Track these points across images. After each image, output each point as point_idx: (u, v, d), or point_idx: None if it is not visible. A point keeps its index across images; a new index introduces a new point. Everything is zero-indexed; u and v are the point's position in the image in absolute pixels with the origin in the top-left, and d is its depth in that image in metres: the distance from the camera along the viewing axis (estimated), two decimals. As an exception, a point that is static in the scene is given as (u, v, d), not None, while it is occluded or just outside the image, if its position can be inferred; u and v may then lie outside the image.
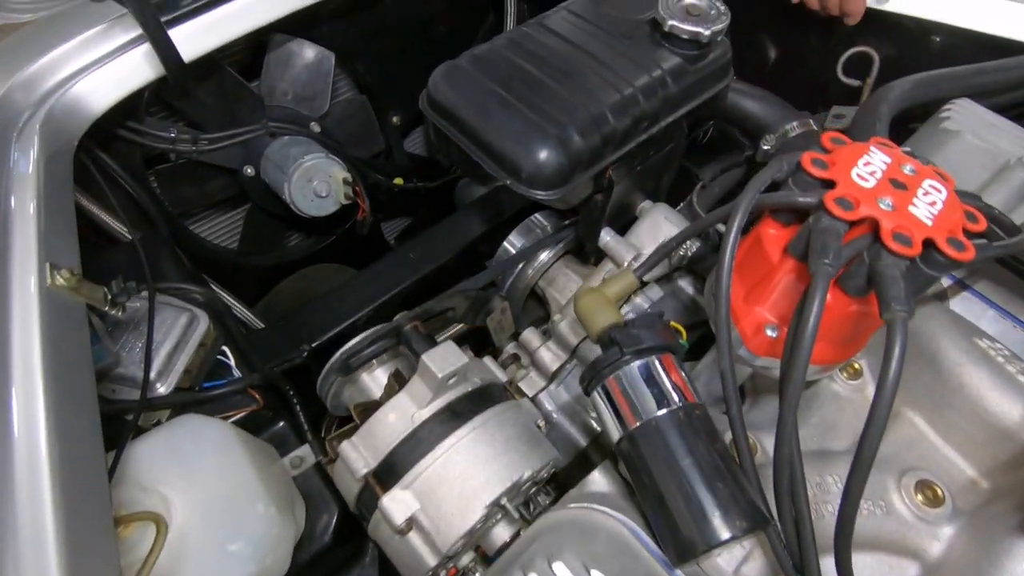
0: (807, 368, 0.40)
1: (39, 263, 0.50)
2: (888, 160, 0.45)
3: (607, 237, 0.77)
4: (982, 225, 0.43)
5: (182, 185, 0.98)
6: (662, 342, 0.49)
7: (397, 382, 0.58)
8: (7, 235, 0.52)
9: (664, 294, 0.74)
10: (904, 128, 0.75)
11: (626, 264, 0.75)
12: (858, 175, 0.44)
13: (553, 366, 0.73)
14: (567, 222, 0.86)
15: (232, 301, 1.02)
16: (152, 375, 0.67)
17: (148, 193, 0.93)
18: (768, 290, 0.48)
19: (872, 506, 0.52)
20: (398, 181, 1.19)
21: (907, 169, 0.45)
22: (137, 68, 0.73)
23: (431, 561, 0.51)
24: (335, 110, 1.10)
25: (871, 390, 0.61)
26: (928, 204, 0.43)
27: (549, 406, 0.73)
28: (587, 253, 0.83)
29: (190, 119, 0.94)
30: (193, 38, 0.76)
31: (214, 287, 0.98)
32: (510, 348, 0.79)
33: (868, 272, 0.42)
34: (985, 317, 0.65)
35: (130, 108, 0.82)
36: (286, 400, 0.76)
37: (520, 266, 0.83)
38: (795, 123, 0.75)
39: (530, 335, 0.76)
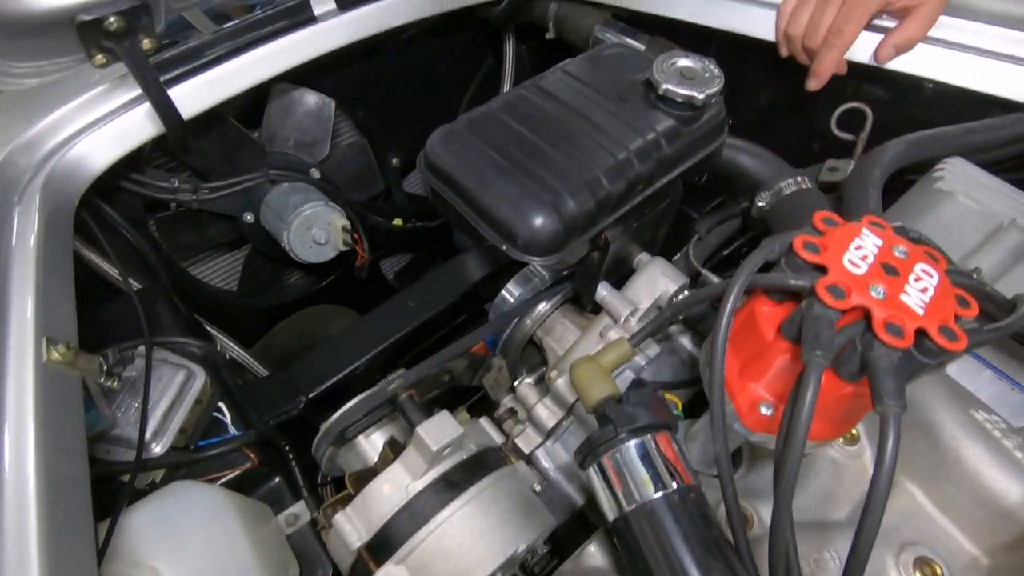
0: (801, 459, 0.40)
1: (36, 338, 0.50)
2: (880, 243, 0.46)
3: (604, 292, 0.77)
4: (974, 311, 0.43)
5: (182, 232, 0.98)
6: (657, 420, 0.49)
7: (392, 450, 0.58)
8: (6, 308, 0.52)
9: (662, 350, 0.74)
10: (901, 180, 0.76)
11: (623, 319, 0.75)
12: (850, 260, 0.44)
13: (550, 423, 0.73)
14: (565, 272, 0.86)
15: (230, 344, 1.02)
16: (147, 435, 0.66)
17: (148, 241, 0.94)
18: (763, 368, 0.48)
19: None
20: (397, 222, 1.19)
21: (899, 252, 0.46)
22: (137, 126, 0.74)
23: (424, 639, 0.51)
24: (335, 154, 1.11)
25: (869, 455, 0.61)
26: (920, 291, 0.43)
27: (546, 464, 0.72)
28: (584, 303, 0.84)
29: (192, 167, 0.95)
30: (193, 95, 0.77)
31: (212, 330, 0.98)
32: (507, 402, 0.79)
33: (861, 360, 0.42)
34: (982, 378, 0.64)
35: (131, 160, 0.83)
36: (282, 455, 0.76)
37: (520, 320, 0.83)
38: (789, 181, 0.75)
39: (527, 390, 0.76)
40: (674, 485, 0.46)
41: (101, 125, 0.70)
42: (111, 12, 0.58)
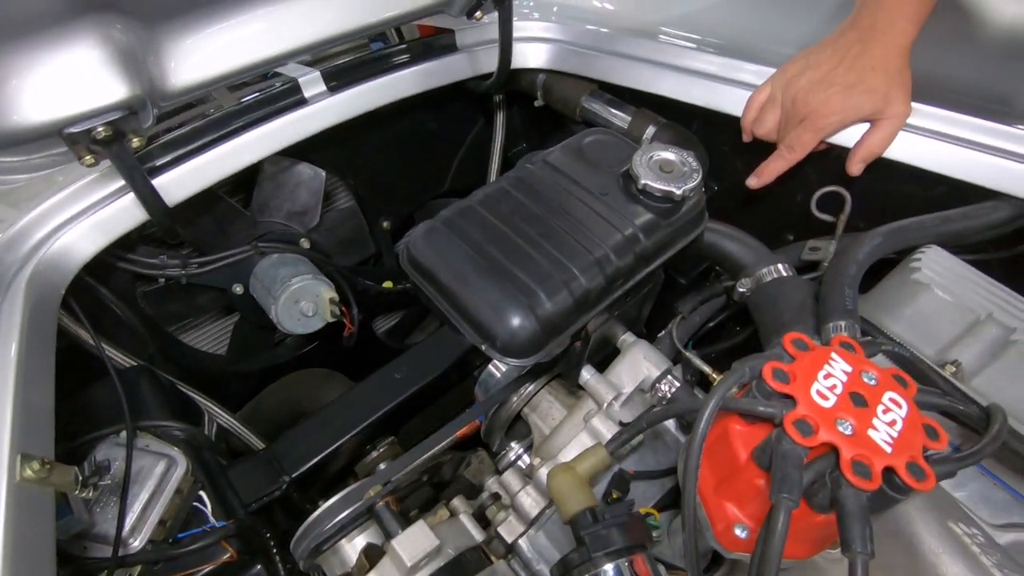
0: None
1: (10, 456, 0.50)
2: (849, 369, 0.46)
3: (587, 375, 0.77)
4: (943, 443, 0.43)
5: (171, 303, 0.99)
6: (632, 542, 0.48)
7: (368, 558, 0.57)
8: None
9: (645, 437, 0.74)
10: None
11: (606, 404, 0.75)
12: (818, 392, 0.44)
13: (533, 511, 0.72)
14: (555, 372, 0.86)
15: (217, 411, 1.01)
16: (125, 531, 0.66)
17: (137, 313, 0.94)
18: (737, 490, 0.48)
19: None
20: (388, 284, 1.20)
21: (868, 378, 0.46)
22: (123, 214, 0.75)
23: None
24: (327, 219, 1.12)
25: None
26: (888, 424, 0.43)
27: (528, 553, 0.71)
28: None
29: (183, 240, 0.96)
30: (181, 182, 0.78)
31: (199, 398, 0.98)
32: (491, 485, 0.78)
33: (831, 497, 0.42)
34: (966, 472, 0.64)
35: (120, 241, 0.84)
36: (263, 544, 0.75)
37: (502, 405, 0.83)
38: (770, 267, 0.76)
39: (511, 478, 0.75)
40: (646, 612, 0.45)
41: (88, 215, 0.71)
42: (100, 121, 0.60)
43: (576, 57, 1.07)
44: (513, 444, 0.84)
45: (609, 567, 0.47)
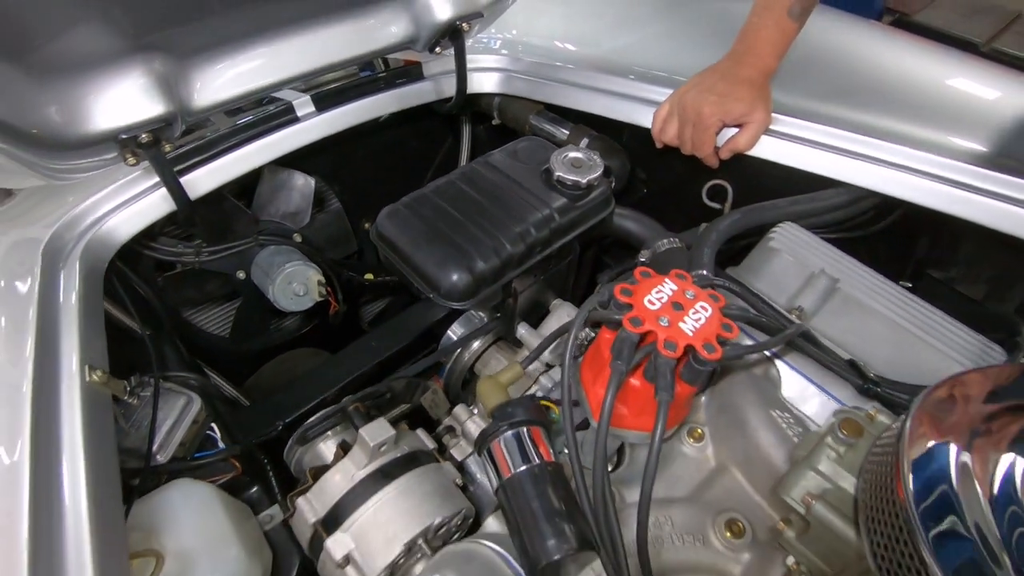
0: (607, 435, 0.59)
1: (80, 365, 0.69)
2: (675, 288, 0.66)
3: (522, 330, 0.97)
4: (735, 334, 0.63)
5: (185, 287, 1.18)
6: (531, 417, 0.67)
7: (343, 450, 0.76)
8: (57, 343, 0.71)
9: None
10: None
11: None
12: (649, 301, 0.64)
13: (473, 429, 0.91)
14: (498, 315, 1.06)
15: (222, 383, 1.20)
16: (154, 448, 0.84)
17: (157, 295, 1.13)
18: (603, 377, 0.67)
19: (694, 540, 0.69)
20: (369, 276, 1.40)
21: (688, 294, 0.66)
22: (155, 206, 0.94)
23: (362, 589, 0.68)
24: (316, 220, 1.32)
25: (711, 450, 0.79)
26: (695, 321, 0.63)
27: (474, 468, 0.90)
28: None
29: (196, 234, 1.16)
30: (200, 181, 0.98)
31: (207, 371, 1.17)
32: (446, 421, 0.97)
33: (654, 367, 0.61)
34: (790, 379, 0.81)
35: (147, 231, 1.03)
36: (261, 469, 0.93)
37: (458, 351, 1.02)
38: (664, 241, 0.96)
39: (460, 411, 0.94)
40: (537, 461, 0.64)
41: (129, 205, 0.91)
42: (144, 130, 0.80)
43: (524, 83, 1.29)
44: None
45: (509, 433, 0.66)
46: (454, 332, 1.07)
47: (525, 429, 0.67)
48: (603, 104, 1.19)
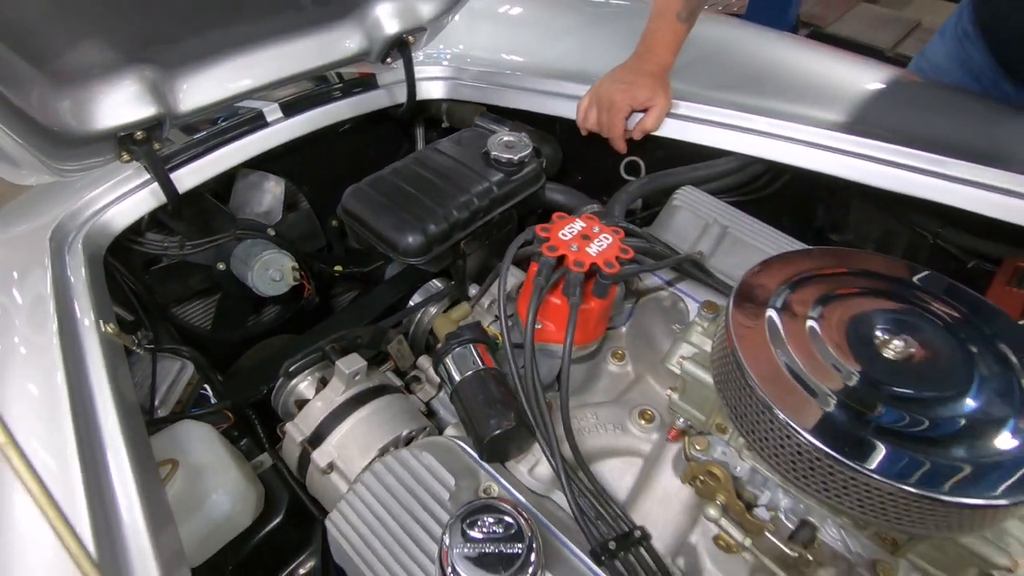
0: (533, 335, 0.75)
1: (95, 319, 0.82)
2: (583, 225, 0.83)
3: (472, 290, 1.13)
4: (630, 255, 0.81)
5: (170, 281, 1.31)
6: (476, 337, 0.83)
7: (322, 383, 0.90)
8: (73, 307, 0.84)
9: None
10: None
11: (486, 307, 1.11)
12: (562, 234, 0.81)
13: (437, 379, 1.06)
14: (451, 283, 1.22)
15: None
16: (156, 403, 0.97)
17: (145, 288, 1.25)
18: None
19: (614, 428, 0.85)
20: (338, 268, 1.54)
21: (595, 230, 0.83)
22: (147, 199, 1.08)
23: (343, 488, 0.81)
24: (287, 219, 1.47)
25: (631, 367, 0.96)
26: (598, 246, 0.80)
27: (436, 406, 1.04)
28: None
29: (179, 231, 1.29)
30: (184, 178, 1.12)
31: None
32: (413, 372, 1.12)
33: (566, 283, 0.78)
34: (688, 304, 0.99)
35: (135, 227, 1.16)
36: (251, 425, 1.06)
37: (420, 314, 1.17)
38: (587, 207, 1.14)
39: (423, 360, 1.08)
40: (481, 367, 0.80)
41: (124, 199, 1.04)
42: (139, 128, 0.94)
43: (469, 89, 1.47)
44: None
45: (459, 348, 0.81)
46: (414, 300, 1.22)
47: (471, 345, 0.82)
48: (536, 102, 1.38)
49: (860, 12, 4.00)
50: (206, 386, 1.04)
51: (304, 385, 0.94)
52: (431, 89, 1.48)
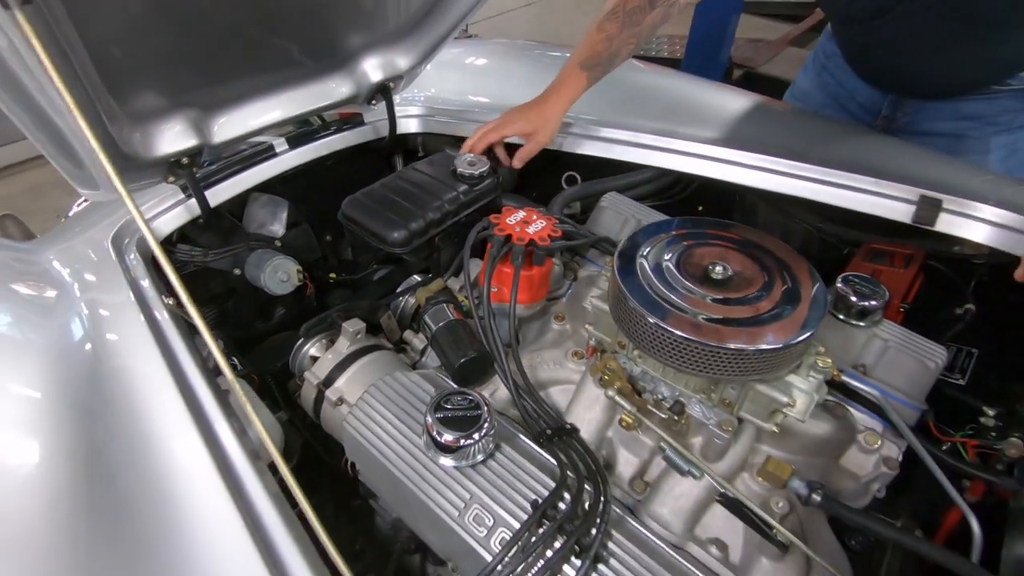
0: (490, 290, 1.04)
1: (157, 294, 1.09)
2: (525, 214, 1.14)
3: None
4: (559, 235, 1.11)
5: (195, 284, 1.57)
6: (448, 299, 1.12)
7: (331, 343, 1.17)
8: (141, 284, 1.11)
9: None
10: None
11: (458, 290, 1.39)
12: (509, 221, 1.11)
13: (419, 345, 1.33)
14: (430, 276, 1.50)
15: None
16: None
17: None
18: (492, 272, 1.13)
19: (555, 364, 1.13)
20: (332, 276, 1.82)
21: (533, 217, 1.14)
22: (186, 211, 1.36)
23: (351, 415, 1.08)
24: (289, 234, 1.75)
25: (569, 325, 1.25)
26: (536, 228, 1.10)
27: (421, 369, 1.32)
28: (442, 292, 1.47)
29: (203, 243, 1.56)
30: (215, 195, 1.41)
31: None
32: (401, 344, 1.39)
33: (513, 254, 1.08)
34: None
35: (168, 238, 1.43)
36: (270, 390, 1.31)
37: (404, 299, 1.45)
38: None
39: (409, 335, 1.36)
40: (452, 318, 1.08)
41: (169, 211, 1.32)
42: (184, 155, 1.23)
43: (439, 124, 1.80)
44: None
45: (436, 306, 1.10)
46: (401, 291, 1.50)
47: (444, 304, 1.11)
48: (495, 134, 1.71)
49: (787, 54, 4.51)
50: (234, 359, 1.30)
51: (315, 348, 1.21)
52: (409, 125, 1.80)
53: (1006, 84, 1.41)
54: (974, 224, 1.20)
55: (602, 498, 0.81)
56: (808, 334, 0.81)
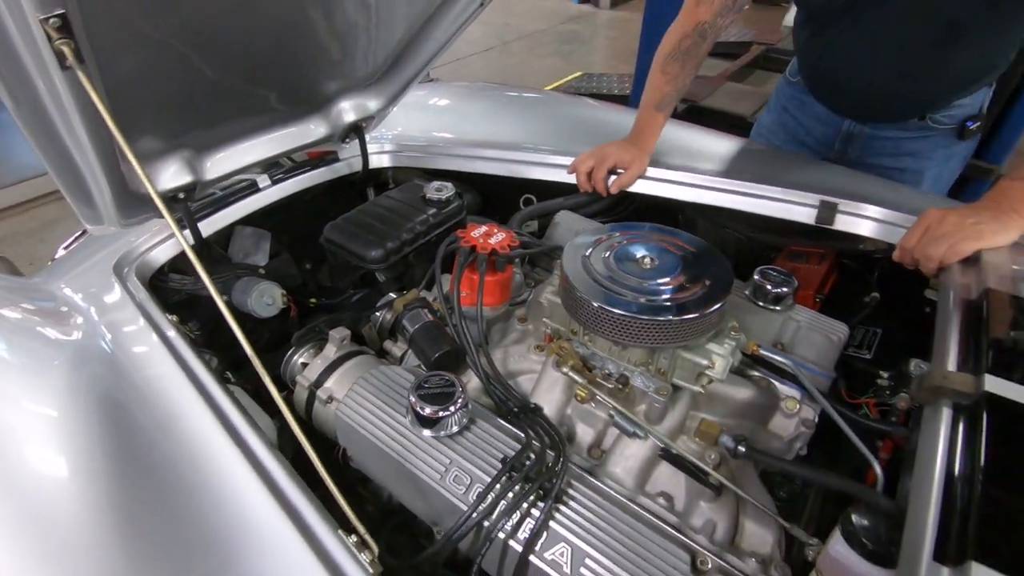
0: (459, 293, 1.20)
1: (162, 314, 1.22)
2: (487, 229, 1.31)
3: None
4: (517, 244, 1.28)
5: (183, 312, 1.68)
6: (423, 304, 1.28)
7: (319, 350, 1.31)
8: (147, 306, 1.23)
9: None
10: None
11: (432, 300, 1.55)
12: (474, 234, 1.29)
13: (398, 353, 1.48)
14: (404, 291, 1.66)
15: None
16: (194, 382, 1.34)
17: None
18: (462, 278, 1.29)
19: (520, 358, 1.29)
20: (313, 301, 1.95)
21: (495, 231, 1.31)
22: (175, 244, 1.49)
23: (341, 410, 1.21)
24: (272, 263, 1.88)
25: (531, 325, 1.41)
26: (497, 240, 1.28)
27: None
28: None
29: (191, 272, 1.68)
30: (206, 226, 1.55)
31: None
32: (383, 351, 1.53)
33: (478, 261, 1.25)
34: None
35: (160, 269, 1.56)
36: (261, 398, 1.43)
37: (383, 313, 1.60)
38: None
39: (388, 344, 1.51)
40: (428, 320, 1.24)
41: (165, 242, 1.46)
42: (181, 191, 1.38)
43: (407, 158, 1.98)
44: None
45: (413, 311, 1.25)
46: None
47: (420, 309, 1.27)
48: (458, 164, 1.90)
49: (727, 88, 4.90)
50: (227, 373, 1.42)
51: (305, 356, 1.35)
52: (380, 160, 1.98)
53: (940, 123, 1.64)
54: (865, 222, 1.43)
55: (562, 457, 0.96)
56: (718, 305, 1.00)
